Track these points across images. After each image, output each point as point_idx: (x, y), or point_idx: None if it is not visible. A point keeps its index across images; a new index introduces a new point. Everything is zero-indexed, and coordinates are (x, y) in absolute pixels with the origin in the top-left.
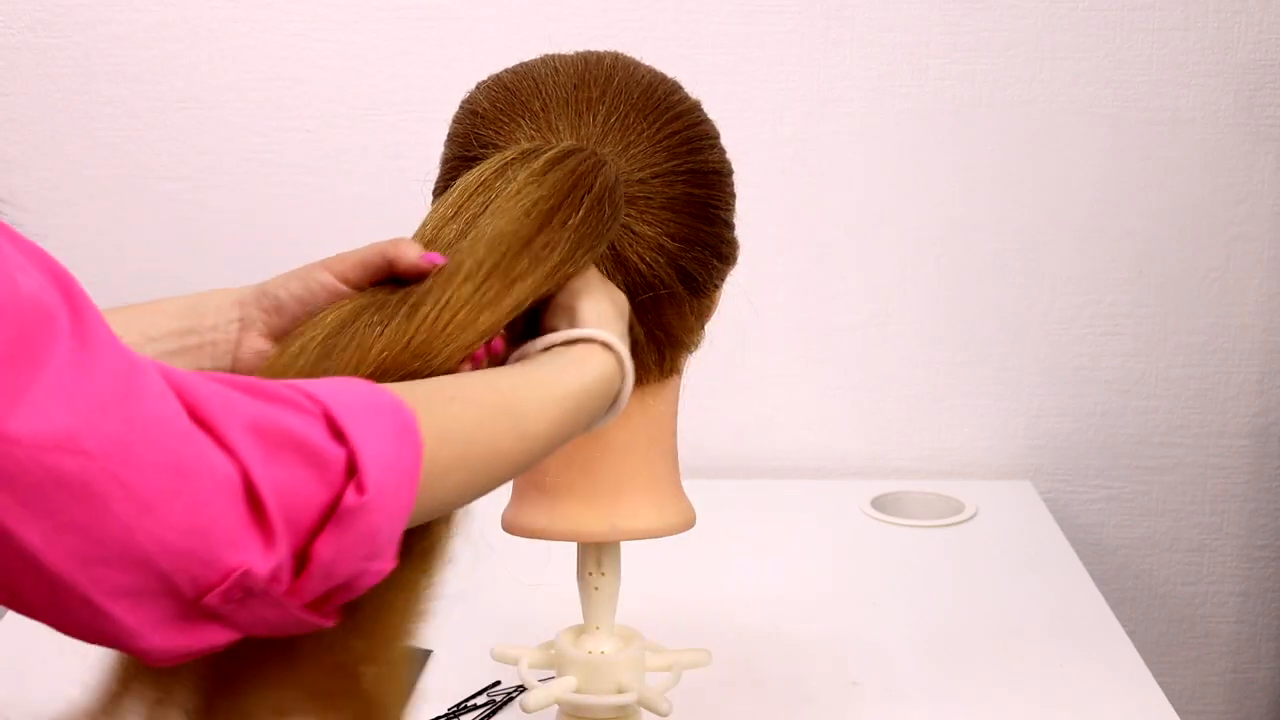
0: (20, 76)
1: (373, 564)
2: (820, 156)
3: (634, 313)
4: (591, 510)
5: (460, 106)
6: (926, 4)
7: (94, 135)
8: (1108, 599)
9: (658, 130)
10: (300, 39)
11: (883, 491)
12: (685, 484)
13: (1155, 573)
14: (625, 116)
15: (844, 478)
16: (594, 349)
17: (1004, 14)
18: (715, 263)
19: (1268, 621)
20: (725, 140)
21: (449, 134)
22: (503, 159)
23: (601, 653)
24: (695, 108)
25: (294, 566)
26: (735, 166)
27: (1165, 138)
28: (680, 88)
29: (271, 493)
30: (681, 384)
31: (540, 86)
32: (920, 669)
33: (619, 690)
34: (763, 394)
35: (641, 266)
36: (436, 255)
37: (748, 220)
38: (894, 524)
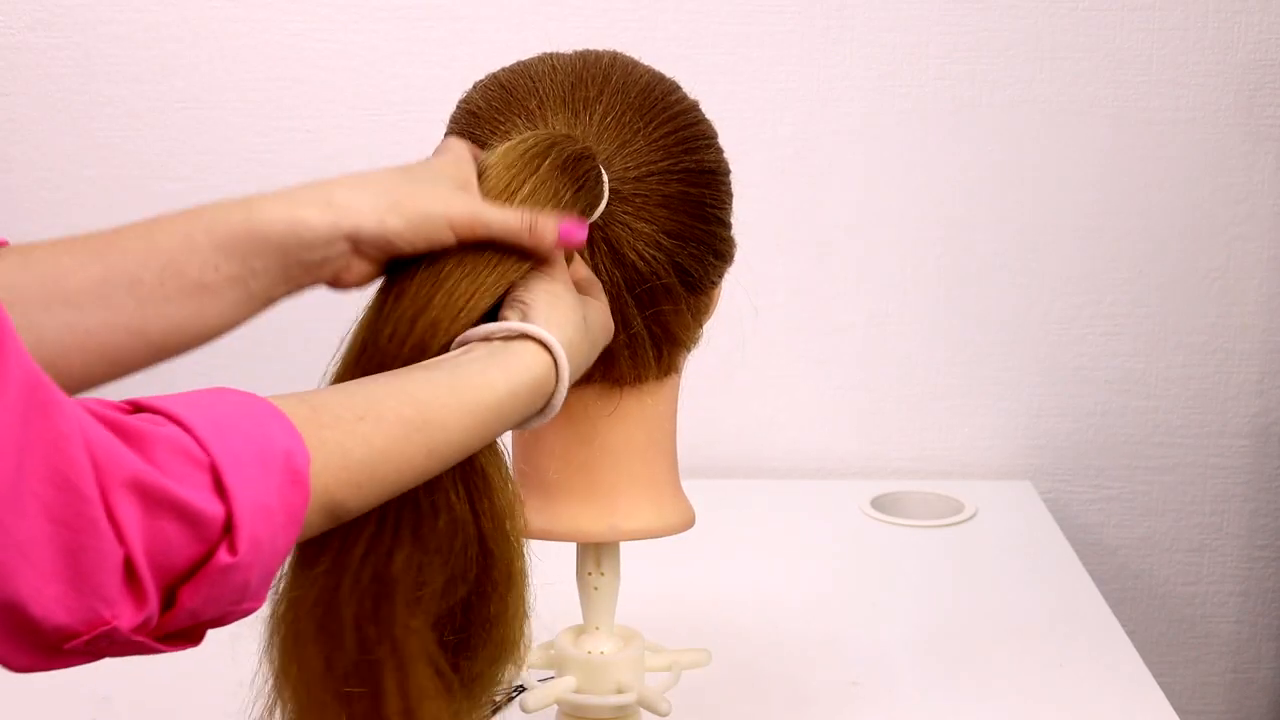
0: (20, 76)
1: (240, 606)
2: (820, 156)
3: (632, 310)
4: (591, 510)
5: (457, 106)
6: (926, 4)
7: (94, 135)
8: (1108, 599)
9: (654, 129)
10: (300, 39)
11: (883, 491)
12: (685, 484)
13: (1155, 573)
14: (622, 115)
15: (844, 478)
16: (531, 348)
17: (1004, 14)
18: (712, 260)
19: (1268, 621)
20: (725, 140)
21: (446, 134)
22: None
23: (601, 653)
24: (693, 107)
25: (160, 608)
26: (735, 166)
27: (1165, 138)
28: (679, 87)
29: (145, 552)
30: (681, 384)
31: (537, 85)
32: (920, 669)
33: (619, 690)
34: (763, 394)
35: (639, 264)
36: (584, 229)
37: (747, 220)
38: (894, 524)
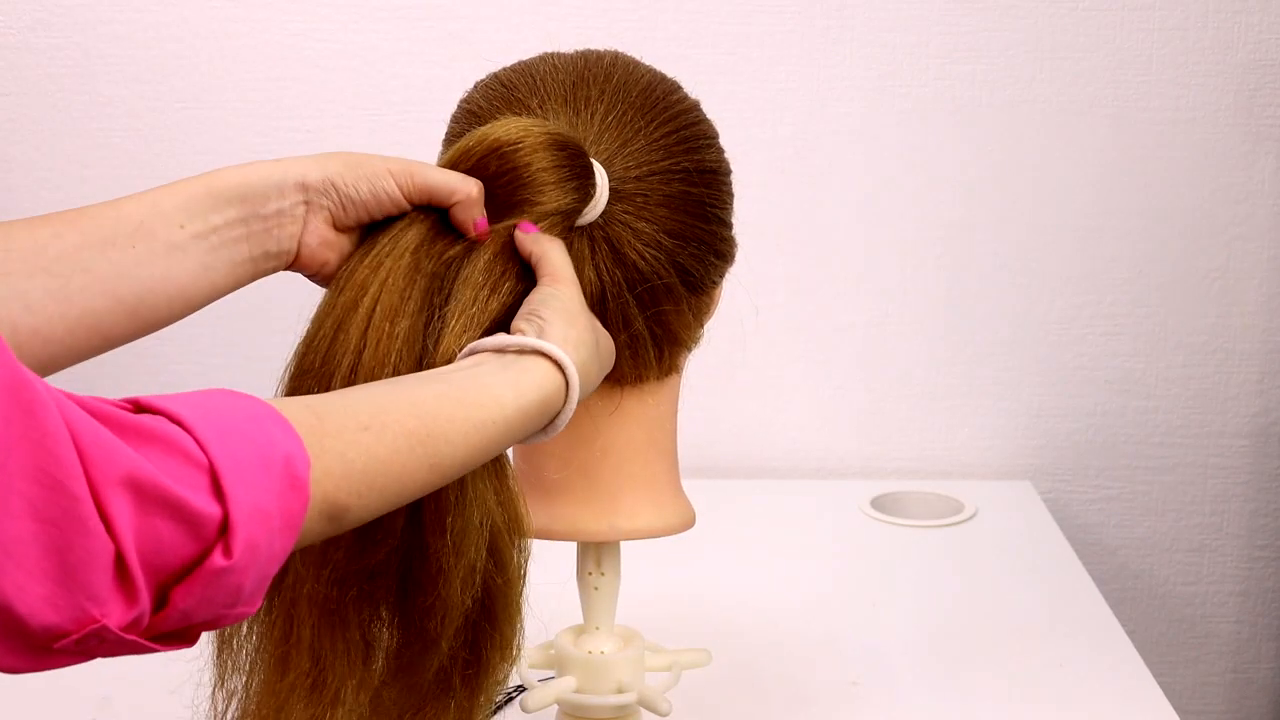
0: (20, 76)
1: (234, 610)
2: (820, 156)
3: (633, 309)
4: (591, 510)
5: (458, 105)
6: (926, 4)
7: (94, 135)
8: (1108, 599)
9: (655, 129)
10: (300, 39)
11: (883, 491)
12: (685, 484)
13: (1155, 573)
14: (623, 115)
15: (844, 478)
16: (543, 365)
17: (1004, 14)
18: (713, 260)
19: (1268, 621)
20: (725, 140)
21: (447, 134)
22: None
23: (601, 652)
24: (694, 107)
25: (152, 608)
26: (735, 166)
27: (1165, 138)
28: (679, 87)
29: (137, 550)
30: (681, 383)
31: (539, 84)
32: (920, 669)
33: (619, 690)
34: (763, 394)
35: (640, 263)
36: (485, 225)
37: (748, 220)
38: (894, 524)
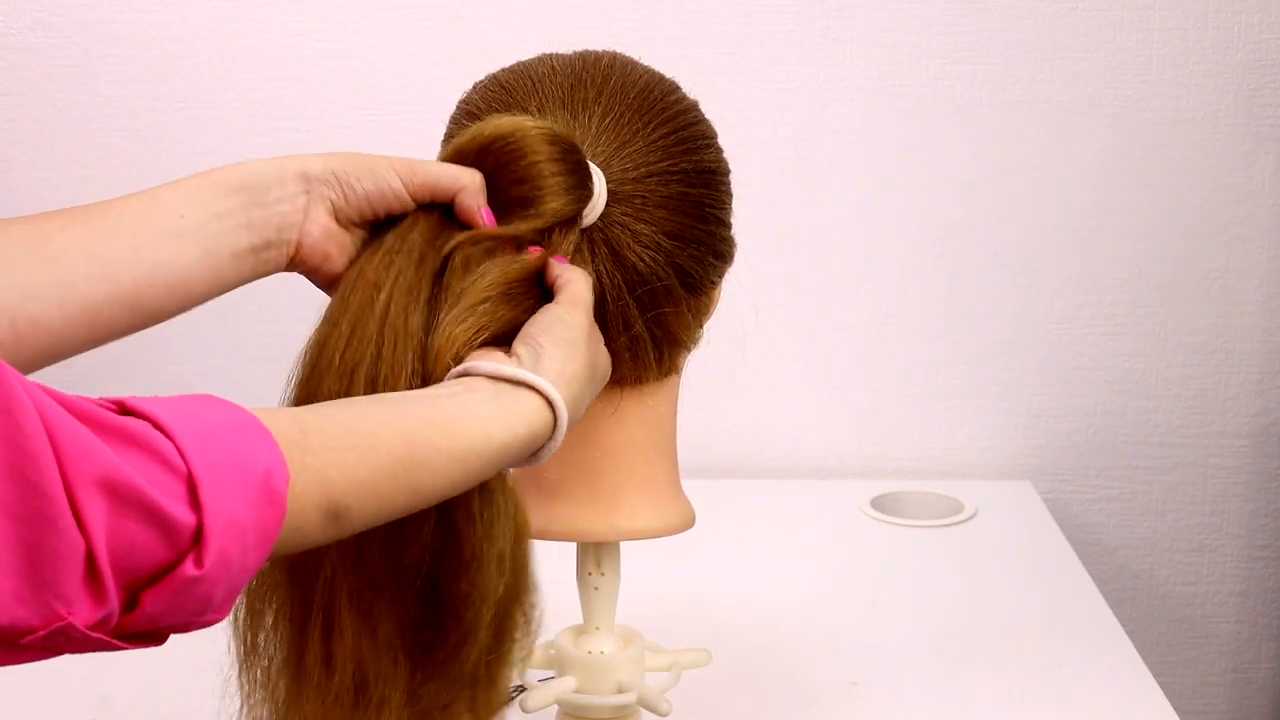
0: (20, 76)
1: (202, 617)
2: (820, 156)
3: (633, 311)
4: (591, 510)
5: (457, 106)
6: (926, 4)
7: (94, 135)
8: (1108, 599)
9: (653, 130)
10: (300, 39)
11: (883, 491)
12: (685, 484)
13: (1155, 573)
14: (621, 116)
15: (844, 478)
16: (536, 402)
17: (1004, 14)
18: (712, 260)
19: (1268, 621)
20: (725, 140)
21: (446, 134)
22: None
23: (601, 653)
24: (692, 108)
25: (121, 609)
26: (735, 166)
27: (1165, 138)
28: (678, 88)
29: (108, 551)
30: (681, 384)
31: (537, 86)
32: (920, 669)
33: (619, 690)
34: (763, 394)
35: (639, 265)
36: (491, 216)
37: (748, 220)
38: (894, 524)
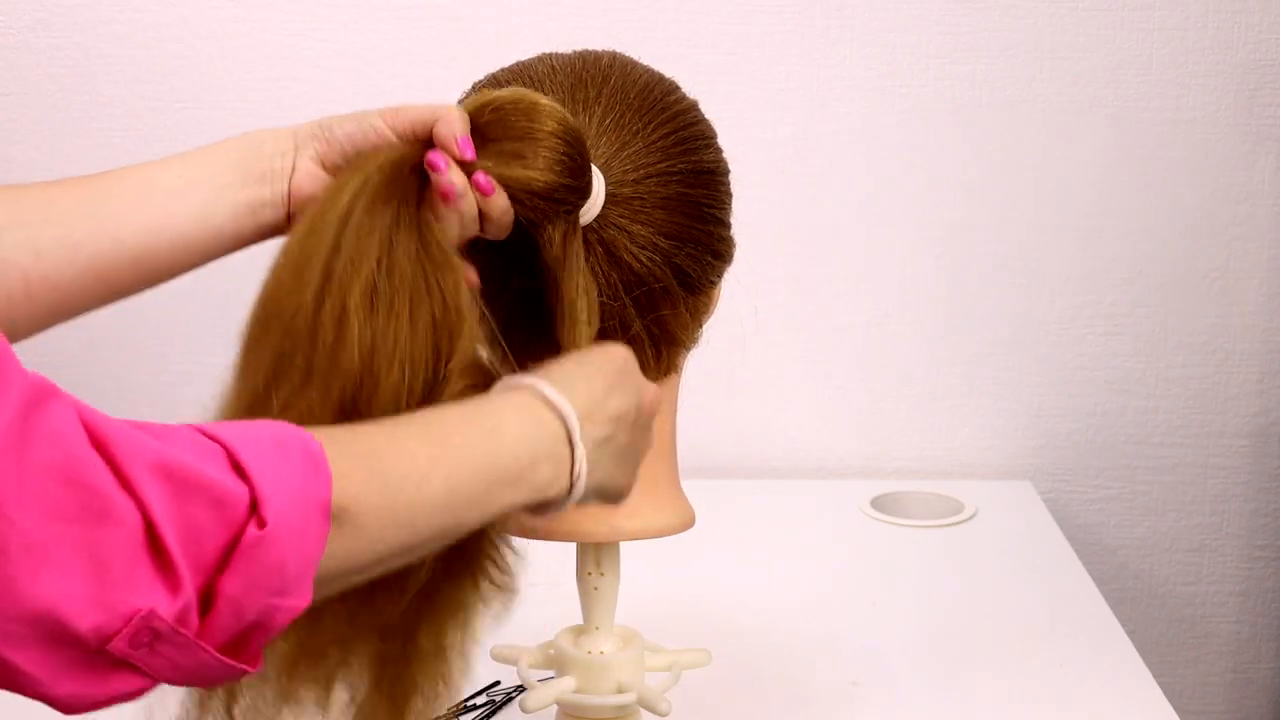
0: (20, 76)
1: (284, 600)
2: (820, 156)
3: (631, 311)
4: (591, 511)
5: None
6: (926, 4)
7: (94, 135)
8: (1108, 599)
9: (652, 130)
10: (300, 39)
11: (883, 491)
12: (685, 484)
13: (1155, 573)
14: (620, 117)
15: (844, 478)
16: (560, 440)
17: (1004, 14)
18: (711, 260)
19: (1268, 621)
20: (725, 140)
21: None
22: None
23: (601, 653)
24: (691, 108)
25: (200, 607)
26: (735, 166)
27: (1165, 138)
28: (678, 88)
29: (174, 534)
30: (681, 383)
31: (536, 86)
32: (920, 669)
33: (618, 690)
34: (763, 394)
35: (636, 266)
36: (470, 146)
37: (747, 220)
38: (894, 524)
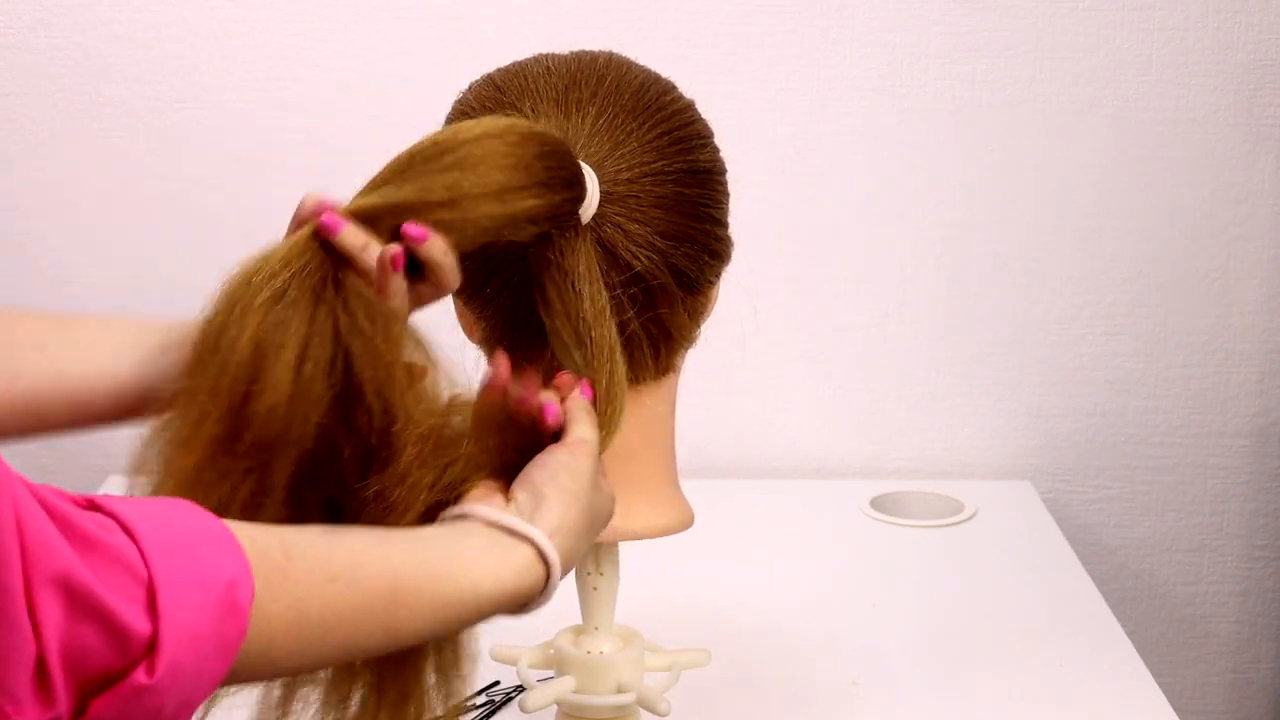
0: (20, 76)
1: None
2: (820, 156)
3: (629, 311)
4: None
5: (452, 106)
6: (926, 4)
7: (94, 135)
8: (1108, 599)
9: (648, 130)
10: (300, 39)
11: (883, 491)
12: (685, 484)
13: (1155, 573)
14: (615, 117)
15: (844, 478)
16: (529, 556)
17: (1004, 14)
18: (708, 260)
19: (1268, 621)
20: (725, 140)
21: None
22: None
23: (600, 653)
24: (687, 108)
25: (71, 714)
26: (735, 166)
27: (1165, 138)
28: (674, 88)
29: (61, 656)
30: (680, 383)
31: (532, 86)
32: (920, 669)
33: (618, 690)
34: (763, 394)
35: (634, 264)
36: (332, 213)
37: (747, 220)
38: (894, 524)
